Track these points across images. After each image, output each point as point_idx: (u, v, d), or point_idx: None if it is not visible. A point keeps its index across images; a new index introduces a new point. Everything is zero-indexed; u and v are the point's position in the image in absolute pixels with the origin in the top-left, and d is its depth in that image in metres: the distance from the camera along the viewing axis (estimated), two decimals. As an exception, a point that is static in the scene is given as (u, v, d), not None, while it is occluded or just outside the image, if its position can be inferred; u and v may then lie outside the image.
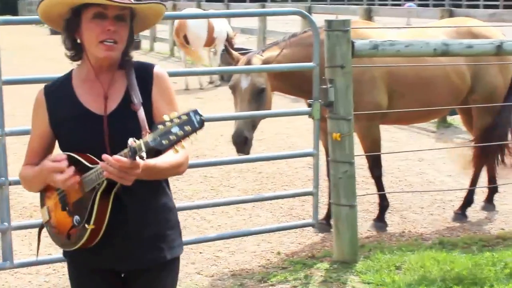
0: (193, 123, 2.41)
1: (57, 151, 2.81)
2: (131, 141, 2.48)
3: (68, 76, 2.87)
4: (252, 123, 5.55)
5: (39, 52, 21.86)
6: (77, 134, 2.74)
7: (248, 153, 5.57)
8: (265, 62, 5.51)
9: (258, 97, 5.48)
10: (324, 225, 5.98)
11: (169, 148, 2.41)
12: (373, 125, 5.87)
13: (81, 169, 2.65)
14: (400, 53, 5.22)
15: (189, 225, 6.27)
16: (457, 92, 6.17)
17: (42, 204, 2.87)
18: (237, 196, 7.11)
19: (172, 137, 2.40)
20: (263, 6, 16.31)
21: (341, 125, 5.08)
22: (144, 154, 2.47)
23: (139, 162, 2.48)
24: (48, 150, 2.88)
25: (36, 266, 5.04)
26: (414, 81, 5.90)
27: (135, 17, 2.80)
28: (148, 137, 2.44)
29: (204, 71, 12.18)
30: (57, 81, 2.90)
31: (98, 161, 2.61)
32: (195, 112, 2.42)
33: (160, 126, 2.42)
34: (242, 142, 5.46)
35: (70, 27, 2.75)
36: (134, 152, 2.46)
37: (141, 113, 2.73)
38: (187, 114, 2.42)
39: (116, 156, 2.48)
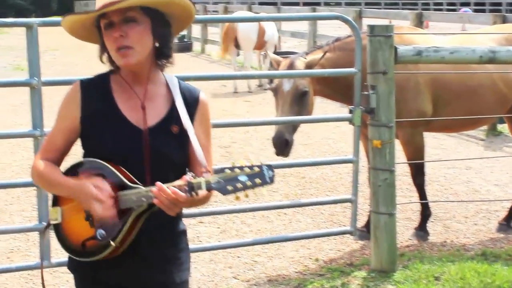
0: (264, 178, 2.40)
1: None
2: (189, 176, 2.45)
3: (106, 77, 2.75)
4: (293, 126, 5.51)
5: (94, 51, 22.10)
6: (110, 142, 2.63)
7: (287, 155, 5.54)
8: (308, 65, 5.48)
9: (300, 100, 5.44)
10: (364, 232, 5.91)
11: (229, 194, 2.41)
12: (417, 132, 5.77)
13: (114, 182, 2.57)
14: (445, 60, 5.12)
15: (229, 228, 6.27)
16: (504, 100, 6.04)
17: (55, 203, 2.74)
18: (279, 200, 7.09)
19: (238, 185, 2.38)
20: (314, 10, 16.25)
21: (382, 132, 5.01)
22: (202, 193, 2.45)
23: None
24: (70, 147, 2.75)
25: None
26: (460, 89, 5.79)
27: (159, 12, 2.66)
28: (211, 178, 2.42)
29: (247, 75, 12.06)
30: (94, 78, 2.77)
31: (134, 179, 2.56)
32: (269, 167, 2.41)
33: (227, 170, 2.40)
34: (282, 145, 5.41)
35: (102, 43, 2.68)
36: (191, 189, 2.43)
37: (197, 145, 2.65)
38: (260, 167, 2.40)
39: (173, 189, 2.43)
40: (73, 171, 2.68)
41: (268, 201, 7.07)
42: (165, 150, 2.64)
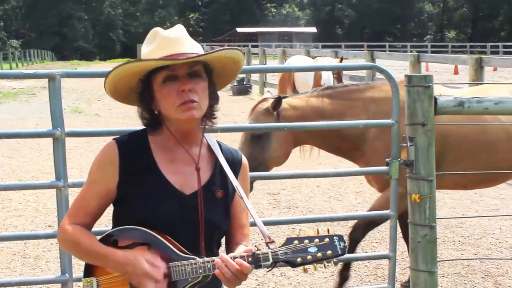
0: (335, 249, 2.34)
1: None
2: (254, 247, 2.36)
3: (143, 135, 2.58)
4: (256, 162, 5.19)
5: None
6: (153, 209, 2.47)
7: None
8: (267, 109, 5.32)
9: (254, 142, 5.26)
10: (408, 288, 5.65)
11: (298, 267, 2.34)
12: (405, 196, 5.34)
13: (163, 252, 2.43)
14: (489, 111, 4.82)
15: (267, 281, 6.07)
16: None
17: (88, 273, 2.56)
18: (322, 252, 6.85)
19: (308, 257, 2.32)
20: (371, 55, 16.10)
21: (421, 186, 4.74)
22: (268, 264, 2.36)
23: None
24: (103, 211, 2.60)
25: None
26: (473, 145, 5.37)
27: (213, 71, 2.56)
28: (278, 249, 2.34)
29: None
30: (130, 137, 2.59)
31: (183, 248, 2.43)
32: (340, 238, 2.35)
33: (295, 242, 2.34)
34: None
35: (145, 99, 2.51)
36: (257, 261, 2.35)
37: (257, 218, 2.53)
38: (330, 238, 2.34)
39: (239, 260, 2.33)
40: (111, 239, 2.51)
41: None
42: (211, 217, 2.52)
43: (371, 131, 5.27)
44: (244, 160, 2.70)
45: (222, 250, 2.70)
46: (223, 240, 2.71)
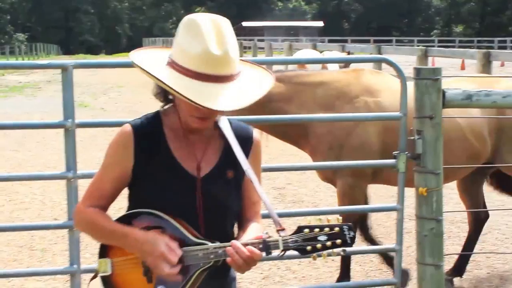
0: (345, 238, 2.38)
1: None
2: (265, 235, 2.39)
3: (157, 119, 2.59)
4: None
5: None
6: (166, 192, 2.50)
7: None
8: None
9: None
10: (415, 283, 5.64)
11: (308, 255, 2.37)
12: (357, 184, 5.31)
13: (176, 237, 2.45)
14: (497, 104, 4.85)
15: (272, 274, 6.09)
16: (476, 156, 5.49)
17: (104, 254, 2.58)
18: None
19: (318, 246, 2.36)
20: (379, 49, 16.06)
21: (429, 179, 4.76)
22: (278, 252, 2.39)
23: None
24: (117, 194, 2.61)
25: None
26: None
27: None
28: (288, 237, 2.38)
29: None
30: (145, 121, 2.58)
31: (196, 233, 2.46)
32: (349, 227, 2.40)
33: (306, 230, 2.38)
34: None
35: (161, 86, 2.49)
36: (267, 247, 2.38)
37: (262, 192, 2.55)
38: (340, 227, 2.39)
39: (251, 248, 2.36)
40: (126, 221, 2.54)
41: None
42: (222, 198, 2.54)
43: None
44: (256, 136, 2.68)
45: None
46: None
